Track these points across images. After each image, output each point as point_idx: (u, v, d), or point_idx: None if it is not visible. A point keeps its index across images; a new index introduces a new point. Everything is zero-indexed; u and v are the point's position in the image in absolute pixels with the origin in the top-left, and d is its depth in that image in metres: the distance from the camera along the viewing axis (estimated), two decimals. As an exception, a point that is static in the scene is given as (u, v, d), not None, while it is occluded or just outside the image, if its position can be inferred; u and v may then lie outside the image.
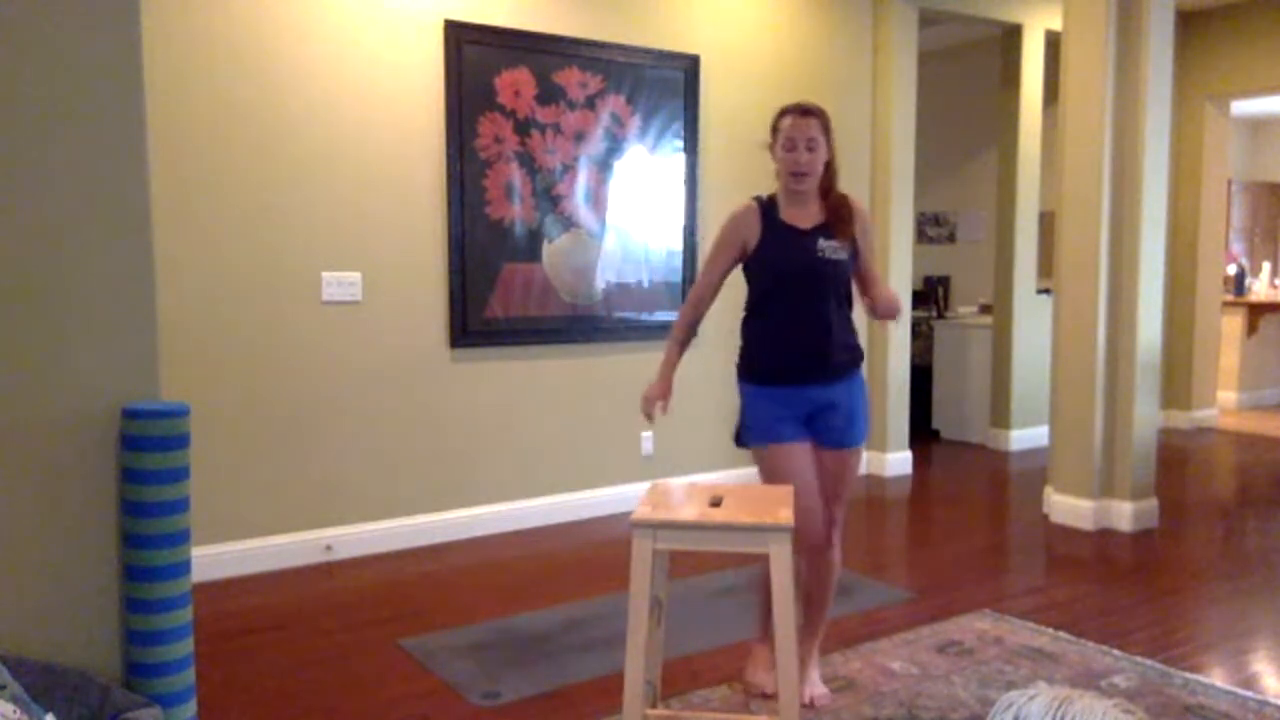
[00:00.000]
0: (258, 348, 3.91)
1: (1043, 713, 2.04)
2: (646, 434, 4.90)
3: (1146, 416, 4.58)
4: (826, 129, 2.66)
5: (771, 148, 2.72)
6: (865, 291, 2.77)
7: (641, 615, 2.12)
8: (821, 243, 2.64)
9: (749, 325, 2.76)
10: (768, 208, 2.72)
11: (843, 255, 2.66)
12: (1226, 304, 7.83)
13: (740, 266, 2.75)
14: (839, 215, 2.68)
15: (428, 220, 4.26)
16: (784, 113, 2.69)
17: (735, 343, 2.79)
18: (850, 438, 2.73)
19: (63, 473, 2.05)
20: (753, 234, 2.69)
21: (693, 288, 2.85)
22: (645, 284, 4.85)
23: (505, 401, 4.53)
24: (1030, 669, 2.95)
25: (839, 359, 2.68)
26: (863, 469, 5.77)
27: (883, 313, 2.70)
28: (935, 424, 7.00)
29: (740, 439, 2.78)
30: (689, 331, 2.80)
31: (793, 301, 2.66)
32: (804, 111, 2.66)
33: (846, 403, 2.70)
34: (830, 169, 2.70)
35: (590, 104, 4.61)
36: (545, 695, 2.81)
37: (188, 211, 3.73)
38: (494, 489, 4.53)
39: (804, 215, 2.69)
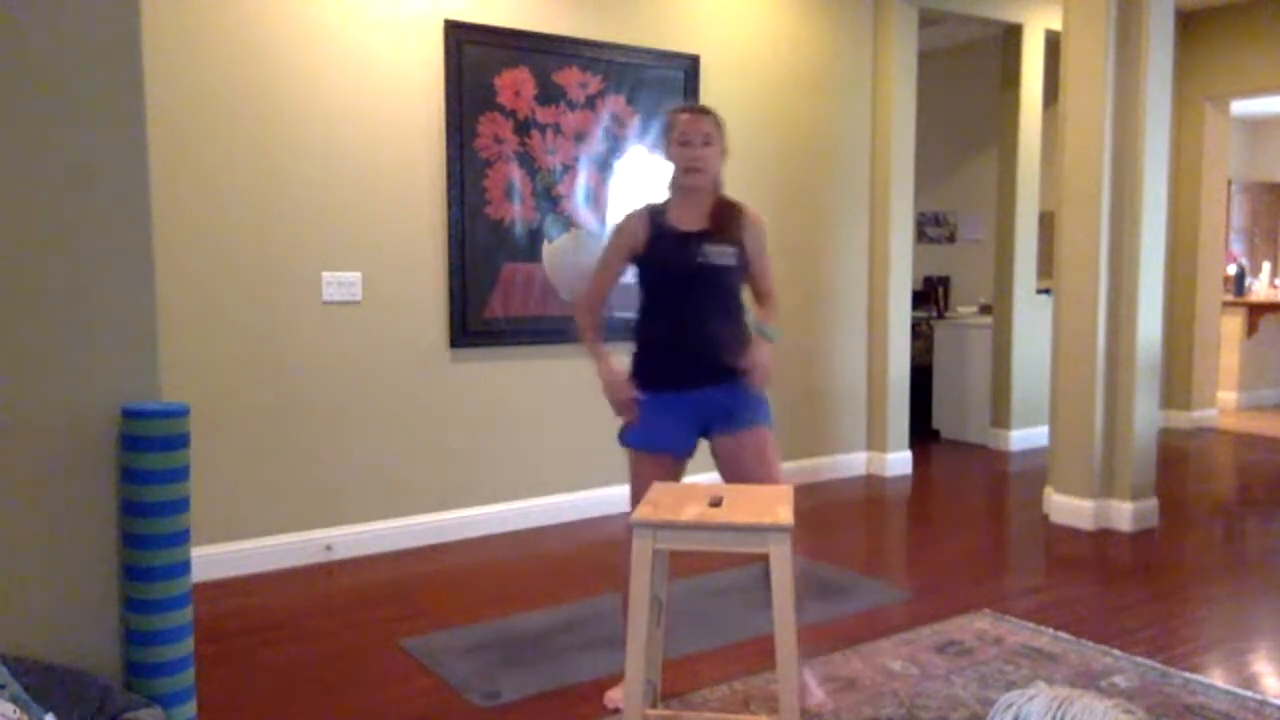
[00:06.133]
0: (258, 348, 3.91)
1: (1043, 713, 2.04)
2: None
3: (1146, 416, 4.58)
4: (720, 129, 2.67)
5: (665, 147, 2.71)
6: (759, 304, 2.79)
7: (641, 615, 2.12)
8: (706, 247, 2.62)
9: (638, 329, 2.75)
10: (656, 212, 2.72)
11: (730, 261, 2.63)
12: (1226, 304, 7.83)
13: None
14: (725, 220, 2.67)
15: (428, 220, 4.26)
16: (678, 111, 2.70)
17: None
18: (747, 418, 2.67)
19: (63, 473, 2.05)
20: (640, 238, 2.69)
21: (587, 288, 2.82)
22: (645, 284, 4.85)
23: (505, 401, 4.53)
24: (1030, 669, 2.95)
25: (719, 364, 2.65)
26: (863, 469, 5.77)
27: (754, 378, 2.63)
28: (935, 424, 7.01)
29: (621, 437, 2.79)
30: (601, 333, 2.79)
31: (675, 306, 2.66)
32: (699, 110, 2.68)
33: (730, 398, 2.66)
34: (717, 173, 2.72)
35: (590, 104, 4.62)
36: (545, 695, 2.81)
37: (188, 211, 3.73)
38: (494, 489, 4.53)
39: (693, 219, 2.68)
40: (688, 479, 2.73)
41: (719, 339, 2.65)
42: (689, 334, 2.65)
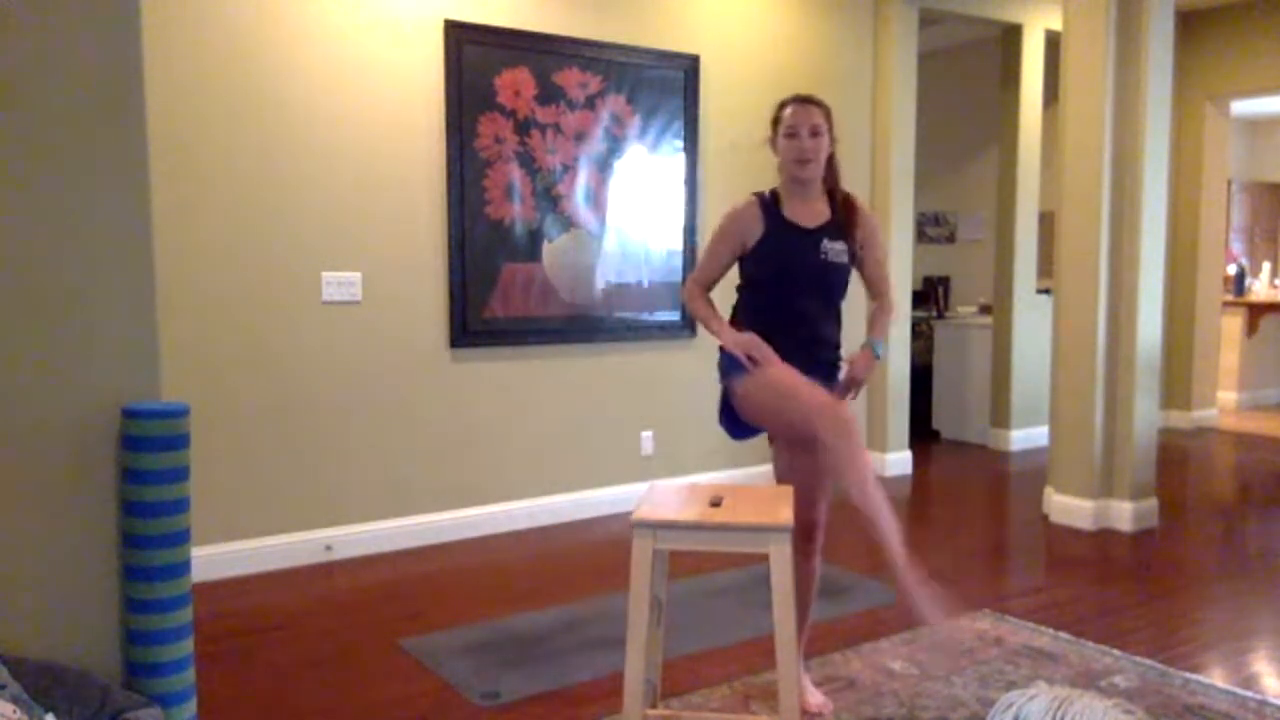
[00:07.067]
0: (258, 348, 3.91)
1: (1043, 713, 2.05)
2: (646, 434, 4.90)
3: (1146, 416, 4.58)
4: (829, 119, 2.61)
5: (772, 140, 2.66)
6: (874, 299, 2.74)
7: (641, 615, 2.12)
8: (825, 244, 2.59)
9: (743, 303, 2.69)
10: (769, 204, 2.65)
11: (844, 259, 2.61)
12: (1226, 304, 7.83)
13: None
14: (842, 213, 2.63)
15: (428, 220, 4.26)
16: (784, 103, 2.63)
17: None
18: None
19: (63, 473, 2.05)
20: (753, 231, 2.62)
21: (696, 273, 2.74)
22: (645, 284, 4.85)
23: (505, 401, 4.53)
24: (1030, 669, 2.95)
25: (821, 355, 2.63)
26: (863, 469, 5.76)
27: (843, 386, 2.62)
28: (935, 424, 7.00)
29: (725, 392, 2.65)
30: (716, 309, 2.71)
31: (785, 301, 2.61)
32: (806, 100, 2.61)
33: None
34: (833, 164, 2.66)
35: (590, 104, 4.61)
36: (545, 695, 2.81)
37: (188, 211, 3.73)
38: (494, 489, 4.53)
39: (807, 213, 2.62)
40: (688, 479, 2.72)
41: (823, 336, 2.63)
42: (795, 330, 2.60)
